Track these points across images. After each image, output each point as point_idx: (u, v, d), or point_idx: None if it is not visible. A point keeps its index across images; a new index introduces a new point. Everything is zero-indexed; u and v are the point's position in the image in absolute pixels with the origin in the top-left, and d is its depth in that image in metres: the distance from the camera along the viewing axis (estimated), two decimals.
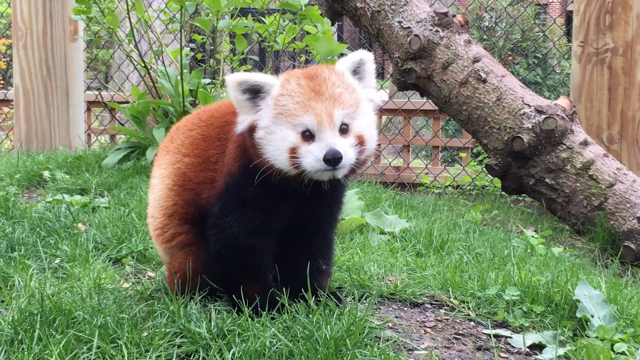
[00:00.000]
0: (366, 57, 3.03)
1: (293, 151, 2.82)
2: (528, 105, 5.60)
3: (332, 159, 2.78)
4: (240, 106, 2.89)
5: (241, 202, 2.97)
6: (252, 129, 2.88)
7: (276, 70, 13.44)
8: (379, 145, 9.85)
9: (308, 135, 2.82)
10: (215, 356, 2.62)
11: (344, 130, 2.85)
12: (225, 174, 3.02)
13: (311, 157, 2.80)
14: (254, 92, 2.86)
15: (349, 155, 2.82)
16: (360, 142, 2.89)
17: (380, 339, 2.92)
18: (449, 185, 8.64)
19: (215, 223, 3.04)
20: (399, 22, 6.09)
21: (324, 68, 2.94)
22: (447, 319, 3.28)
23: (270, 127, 2.83)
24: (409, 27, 6.03)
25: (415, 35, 5.97)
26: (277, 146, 2.83)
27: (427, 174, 9.14)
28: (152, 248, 3.90)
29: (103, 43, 8.49)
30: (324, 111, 2.81)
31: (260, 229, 2.98)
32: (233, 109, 3.16)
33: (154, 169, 3.38)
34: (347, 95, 2.89)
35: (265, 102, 2.86)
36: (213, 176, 3.09)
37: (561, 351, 2.91)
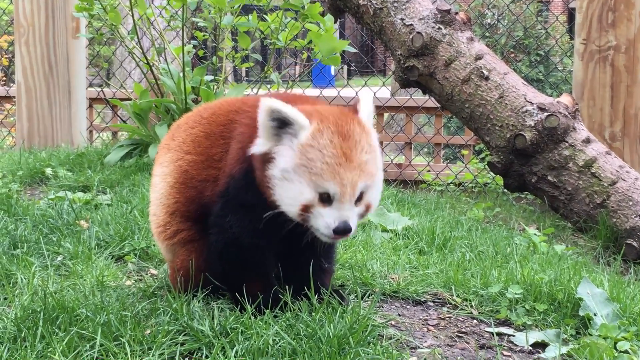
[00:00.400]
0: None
1: (306, 208, 2.80)
2: (530, 102, 5.60)
3: (342, 232, 2.79)
4: (263, 130, 2.79)
5: (242, 205, 2.95)
6: (267, 158, 2.82)
7: (278, 68, 13.45)
8: (381, 142, 9.85)
9: (326, 198, 2.79)
10: (218, 354, 2.62)
11: (358, 199, 2.83)
12: (226, 174, 3.00)
13: (322, 222, 2.80)
14: (283, 124, 2.77)
15: (355, 227, 2.83)
16: (367, 209, 2.90)
17: (383, 337, 2.92)
18: (451, 182, 8.64)
19: (216, 222, 3.04)
20: (402, 19, 6.08)
21: (355, 124, 2.84)
22: (449, 317, 3.28)
23: (289, 174, 2.77)
24: (411, 25, 6.03)
25: (418, 32, 5.96)
26: (292, 197, 2.79)
27: (429, 171, 9.14)
28: (154, 245, 3.89)
29: (105, 40, 8.49)
30: (350, 182, 2.77)
31: (261, 230, 2.95)
32: (236, 107, 3.16)
33: (155, 167, 3.36)
34: (371, 163, 2.86)
35: (290, 141, 2.78)
36: (216, 174, 3.06)
37: (564, 349, 2.91)
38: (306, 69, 9.53)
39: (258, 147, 2.83)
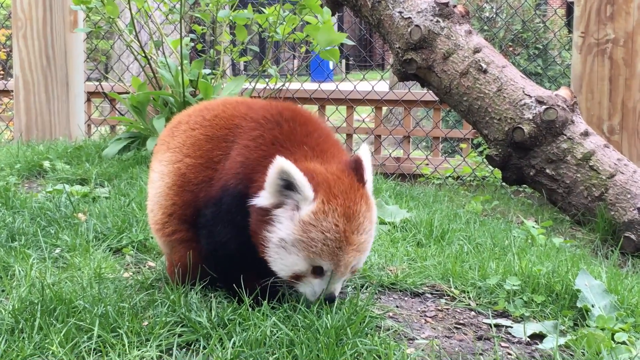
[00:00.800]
0: None
1: (297, 277, 2.85)
2: (529, 95, 5.59)
3: (326, 301, 2.87)
4: (270, 185, 2.76)
5: (231, 222, 2.93)
6: (266, 219, 2.80)
7: (276, 61, 13.44)
8: (379, 136, 9.86)
9: (318, 271, 2.83)
10: (216, 345, 2.62)
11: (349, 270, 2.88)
12: (222, 181, 2.97)
13: (310, 289, 2.88)
14: (290, 186, 2.75)
15: (337, 294, 2.92)
16: (352, 273, 2.96)
17: (380, 328, 2.92)
18: (449, 176, 8.63)
19: (206, 226, 3.03)
20: (400, 12, 6.07)
21: (362, 203, 2.84)
22: (447, 309, 3.28)
23: (287, 245, 2.77)
24: (409, 18, 6.02)
25: (416, 25, 5.95)
26: (285, 265, 2.82)
27: (427, 164, 9.13)
28: (152, 238, 3.90)
29: (103, 34, 8.47)
30: (345, 263, 2.81)
31: (249, 242, 2.92)
32: (240, 112, 3.13)
33: (154, 162, 3.35)
34: (369, 241, 2.89)
35: (292, 212, 2.77)
36: (212, 175, 3.04)
37: (562, 341, 2.91)
38: (304, 62, 9.53)
39: (261, 200, 2.80)
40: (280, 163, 2.70)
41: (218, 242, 2.98)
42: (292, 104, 3.19)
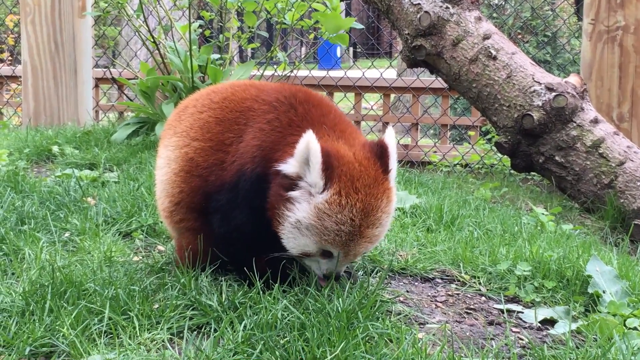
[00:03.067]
0: None
1: (306, 254, 2.86)
2: (538, 82, 5.58)
3: (329, 278, 2.90)
4: (298, 155, 2.73)
5: (249, 205, 2.91)
6: (286, 197, 2.79)
7: (284, 48, 13.43)
8: (387, 123, 9.84)
9: (327, 254, 2.85)
10: (226, 328, 2.62)
11: None
12: (237, 165, 2.95)
13: (316, 266, 2.92)
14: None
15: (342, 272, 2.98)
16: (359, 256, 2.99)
17: (391, 312, 2.92)
18: (458, 163, 8.62)
19: (220, 209, 3.01)
20: None
21: (384, 197, 2.83)
22: (458, 294, 3.27)
23: (301, 227, 2.77)
24: (419, 4, 5.99)
25: (426, 11, 5.93)
26: (297, 244, 2.83)
27: (435, 152, 9.12)
28: (161, 223, 3.89)
29: (111, 20, 8.45)
30: (355, 252, 2.84)
31: (265, 224, 2.91)
32: (252, 95, 3.11)
33: (160, 147, 3.32)
34: (383, 231, 2.91)
35: (308, 190, 2.76)
36: (224, 158, 3.00)
37: (573, 326, 2.90)
38: (312, 50, 9.51)
39: (288, 166, 2.78)
40: (308, 137, 2.68)
41: (233, 225, 2.96)
42: (301, 86, 3.17)
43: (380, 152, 2.87)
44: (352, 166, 2.77)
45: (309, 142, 2.67)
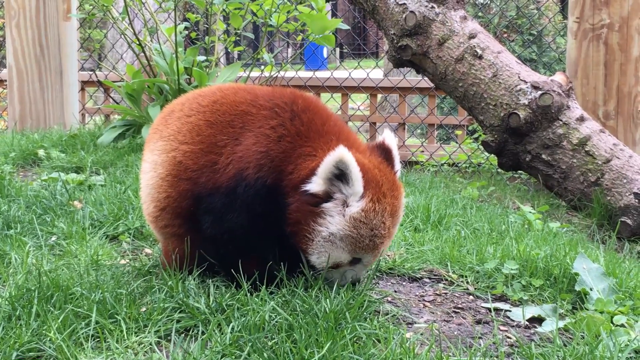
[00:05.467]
0: None
1: (336, 266, 2.92)
2: (524, 81, 5.59)
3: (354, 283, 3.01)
4: (324, 172, 2.78)
5: (248, 211, 2.90)
6: (316, 212, 2.83)
7: (271, 49, 13.41)
8: (375, 123, 9.85)
9: (356, 262, 2.94)
10: (214, 330, 2.61)
11: None
12: (235, 171, 2.92)
13: (340, 275, 2.98)
14: (341, 178, 2.78)
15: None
16: None
17: (379, 312, 2.92)
18: (445, 163, 8.64)
19: (212, 211, 2.98)
20: None
21: (401, 197, 2.97)
22: (446, 293, 3.28)
23: (335, 239, 2.83)
24: (404, 4, 6.00)
25: (411, 11, 5.93)
26: (330, 257, 2.87)
27: (422, 152, 9.13)
28: (148, 225, 3.88)
29: (96, 23, 8.44)
30: (380, 252, 2.92)
31: (259, 228, 2.94)
32: (246, 99, 3.10)
33: (146, 151, 3.28)
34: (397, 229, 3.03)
35: (342, 204, 2.82)
36: (217, 159, 2.98)
37: (561, 324, 2.91)
38: (299, 51, 9.51)
39: (314, 185, 2.81)
40: (342, 152, 2.74)
41: (226, 228, 2.94)
42: (294, 90, 3.17)
43: (385, 154, 3.02)
44: (374, 172, 2.88)
45: (344, 156, 2.73)
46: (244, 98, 3.09)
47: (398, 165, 3.04)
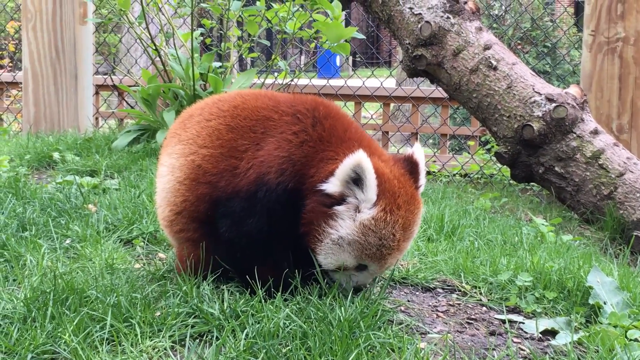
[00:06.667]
0: None
1: (341, 268, 2.93)
2: (539, 93, 5.58)
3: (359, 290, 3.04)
4: (341, 174, 2.81)
5: (269, 215, 2.92)
6: (329, 213, 2.85)
7: (284, 57, 13.43)
8: (387, 133, 9.86)
9: (362, 268, 2.94)
10: (228, 336, 2.62)
11: None
12: (255, 175, 2.94)
13: (345, 279, 2.98)
14: (357, 182, 2.80)
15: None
16: None
17: (393, 322, 2.92)
18: (457, 173, 8.63)
19: (230, 215, 2.99)
20: (410, 8, 6.06)
21: (419, 213, 2.97)
22: (459, 304, 3.28)
23: (343, 243, 2.84)
24: (420, 14, 6.00)
25: (426, 21, 5.94)
26: (336, 259, 2.89)
27: (435, 161, 9.13)
28: (162, 230, 3.89)
29: (112, 28, 8.47)
30: (389, 263, 2.94)
31: (277, 232, 2.96)
32: (267, 104, 3.12)
33: (163, 155, 3.29)
34: (410, 244, 3.03)
35: (354, 209, 2.84)
36: (237, 164, 2.99)
37: (575, 337, 2.90)
38: (312, 59, 9.52)
39: (330, 186, 2.83)
40: (360, 157, 2.76)
41: (245, 232, 2.95)
42: (315, 97, 3.19)
43: (411, 167, 3.00)
44: (392, 183, 2.88)
45: (362, 161, 2.75)
46: (265, 104, 3.11)
47: (423, 180, 3.04)
